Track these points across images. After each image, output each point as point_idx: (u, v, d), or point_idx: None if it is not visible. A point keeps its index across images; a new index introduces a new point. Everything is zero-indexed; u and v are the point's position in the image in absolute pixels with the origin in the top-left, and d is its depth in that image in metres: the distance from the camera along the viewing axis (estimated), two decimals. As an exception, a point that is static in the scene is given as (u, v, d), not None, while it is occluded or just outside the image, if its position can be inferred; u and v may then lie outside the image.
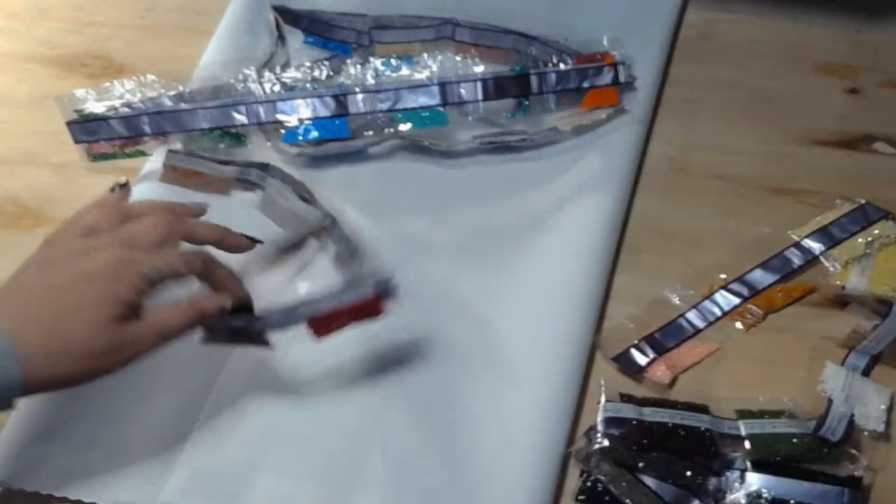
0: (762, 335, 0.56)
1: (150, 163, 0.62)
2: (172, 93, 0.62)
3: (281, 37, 0.68)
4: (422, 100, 0.61)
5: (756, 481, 0.49)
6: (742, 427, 0.51)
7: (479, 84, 0.61)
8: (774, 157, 0.64)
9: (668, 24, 0.70)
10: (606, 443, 0.49)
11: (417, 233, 0.60)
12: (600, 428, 0.50)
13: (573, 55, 0.64)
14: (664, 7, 0.71)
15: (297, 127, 0.61)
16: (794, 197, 0.62)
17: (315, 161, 0.63)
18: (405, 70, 0.62)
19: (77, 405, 0.52)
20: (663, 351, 0.55)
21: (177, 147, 0.61)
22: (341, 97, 0.60)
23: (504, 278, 0.57)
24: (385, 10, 0.69)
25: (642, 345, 0.55)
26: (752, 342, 0.56)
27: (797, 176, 0.63)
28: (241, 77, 0.62)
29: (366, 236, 0.60)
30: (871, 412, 0.51)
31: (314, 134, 0.60)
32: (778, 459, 0.49)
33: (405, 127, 0.61)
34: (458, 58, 0.63)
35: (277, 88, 0.62)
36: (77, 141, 0.60)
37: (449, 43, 0.67)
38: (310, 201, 0.59)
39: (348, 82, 0.61)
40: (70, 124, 0.60)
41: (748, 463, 0.49)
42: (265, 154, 0.62)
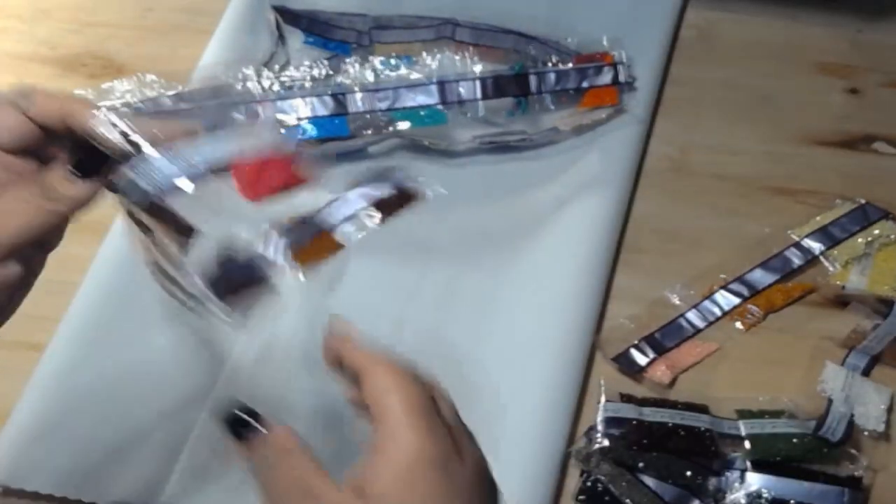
0: (762, 335, 0.56)
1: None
2: (172, 93, 0.62)
3: (281, 37, 0.68)
4: (421, 99, 0.60)
5: (756, 481, 0.49)
6: (742, 427, 0.51)
7: (478, 83, 0.61)
8: (774, 157, 0.64)
9: (668, 24, 0.70)
10: (606, 443, 0.49)
11: (417, 233, 0.60)
12: (600, 428, 0.50)
13: (573, 55, 0.64)
14: (664, 7, 0.71)
15: (297, 126, 0.61)
16: (794, 197, 0.62)
17: (314, 161, 0.63)
18: (404, 69, 0.62)
19: (77, 405, 0.52)
20: (663, 351, 0.55)
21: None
22: (340, 96, 0.60)
23: (504, 278, 0.57)
24: (385, 10, 0.69)
25: (642, 345, 0.55)
26: (752, 342, 0.56)
27: (797, 176, 0.63)
28: (241, 77, 0.62)
29: (366, 236, 0.60)
30: (871, 412, 0.51)
31: (313, 133, 0.60)
32: (778, 459, 0.49)
33: (404, 126, 0.61)
34: (458, 57, 0.63)
35: (277, 88, 0.62)
36: (77, 141, 0.60)
37: (449, 43, 0.67)
38: None
39: (347, 82, 0.61)
40: (70, 124, 0.60)
41: (748, 463, 0.49)
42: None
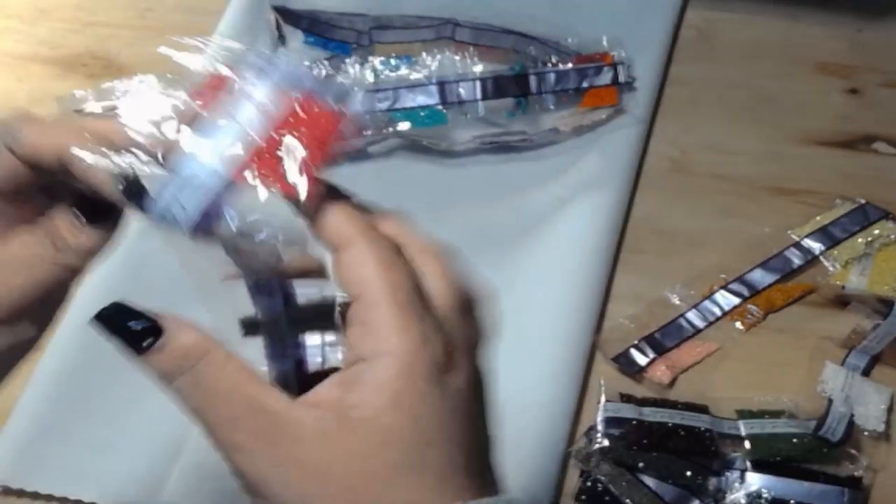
0: (762, 335, 0.56)
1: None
2: (172, 93, 0.62)
3: (281, 37, 0.68)
4: (420, 99, 0.60)
5: (756, 481, 0.49)
6: (742, 427, 0.51)
7: (478, 84, 0.61)
8: (774, 157, 0.64)
9: (668, 24, 0.70)
10: (606, 443, 0.49)
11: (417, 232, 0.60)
12: (600, 428, 0.50)
13: (573, 55, 0.64)
14: (664, 7, 0.71)
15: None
16: (794, 197, 0.62)
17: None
18: (404, 69, 0.62)
19: (77, 405, 0.52)
20: (663, 351, 0.55)
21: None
22: (340, 97, 0.60)
23: (504, 278, 0.57)
24: (385, 10, 0.69)
25: (642, 345, 0.55)
26: (752, 342, 0.56)
27: (797, 176, 0.63)
28: (241, 77, 0.62)
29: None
30: (871, 412, 0.51)
31: (314, 134, 0.60)
32: (778, 459, 0.49)
33: (404, 126, 0.61)
34: (458, 57, 0.63)
35: (277, 88, 0.62)
36: (77, 141, 0.60)
37: (449, 43, 0.67)
38: None
39: (347, 82, 0.61)
40: (70, 124, 0.60)
41: (748, 463, 0.49)
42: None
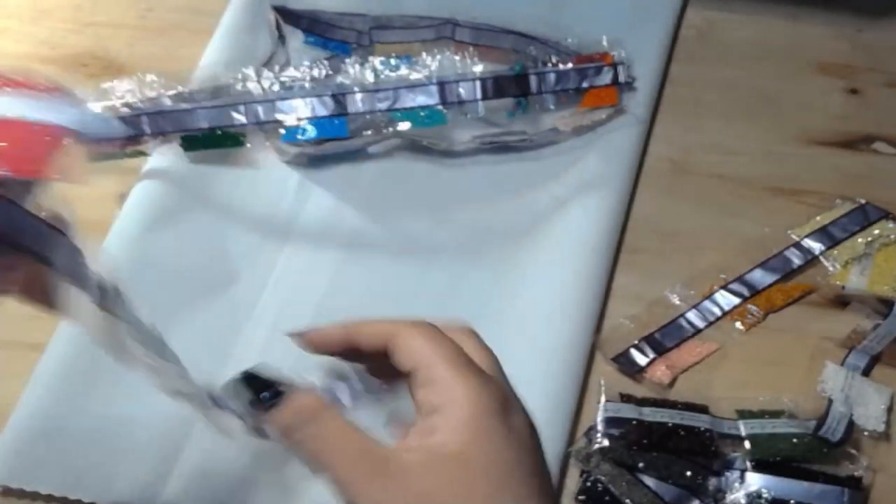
0: (762, 335, 0.56)
1: (150, 163, 0.62)
2: (172, 93, 0.62)
3: (281, 37, 0.68)
4: (420, 99, 0.60)
5: (756, 481, 0.49)
6: (742, 427, 0.51)
7: (478, 84, 0.61)
8: (774, 157, 0.64)
9: (668, 24, 0.70)
10: (606, 443, 0.49)
11: (417, 233, 0.60)
12: (600, 428, 0.50)
13: (573, 55, 0.64)
14: (664, 7, 0.71)
15: (297, 126, 0.60)
16: (794, 197, 0.62)
17: (314, 161, 0.63)
18: (404, 69, 0.62)
19: (77, 405, 0.52)
20: (663, 351, 0.55)
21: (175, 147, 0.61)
22: (340, 97, 0.60)
23: (504, 278, 0.57)
24: (385, 10, 0.69)
25: (642, 345, 0.55)
26: (752, 342, 0.56)
27: (797, 176, 0.63)
28: (241, 77, 0.62)
29: (366, 236, 0.60)
30: (871, 412, 0.51)
31: (313, 133, 0.60)
32: (778, 459, 0.49)
33: (404, 126, 0.61)
34: (458, 57, 0.63)
35: (277, 88, 0.62)
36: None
37: (449, 43, 0.67)
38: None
39: (347, 82, 0.61)
40: (70, 124, 0.60)
41: (748, 463, 0.49)
42: (264, 155, 0.62)
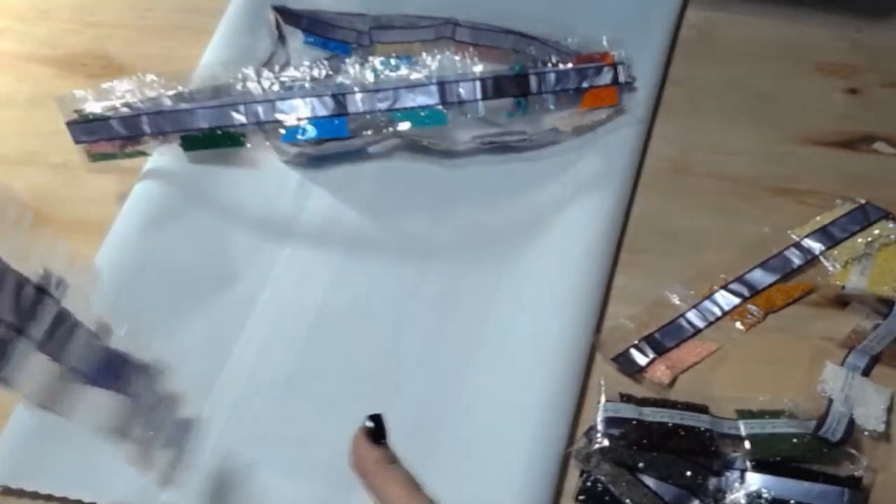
0: (762, 335, 0.56)
1: (150, 163, 0.62)
2: (172, 93, 0.62)
3: (281, 37, 0.68)
4: (420, 99, 0.60)
5: (756, 481, 0.49)
6: (742, 427, 0.51)
7: (478, 84, 0.61)
8: (774, 157, 0.64)
9: (668, 24, 0.70)
10: (606, 443, 0.49)
11: (417, 233, 0.60)
12: (600, 428, 0.50)
13: (573, 55, 0.64)
14: (664, 7, 0.71)
15: (297, 126, 0.61)
16: (794, 197, 0.62)
17: (314, 161, 0.63)
18: (404, 69, 0.62)
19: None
20: (663, 351, 0.55)
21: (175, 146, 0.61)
22: (340, 97, 0.60)
23: (503, 278, 0.57)
24: (385, 10, 0.69)
25: (642, 345, 0.55)
26: (752, 342, 0.56)
27: (797, 176, 0.63)
28: (241, 77, 0.62)
29: (366, 236, 0.60)
30: (871, 412, 0.51)
31: (313, 133, 0.60)
32: (778, 459, 0.49)
33: (404, 126, 0.61)
34: (458, 57, 0.63)
35: (277, 88, 0.62)
36: (77, 141, 0.60)
37: (449, 43, 0.67)
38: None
39: (347, 82, 0.61)
40: (70, 124, 0.60)
41: (748, 463, 0.49)
42: (264, 154, 0.62)
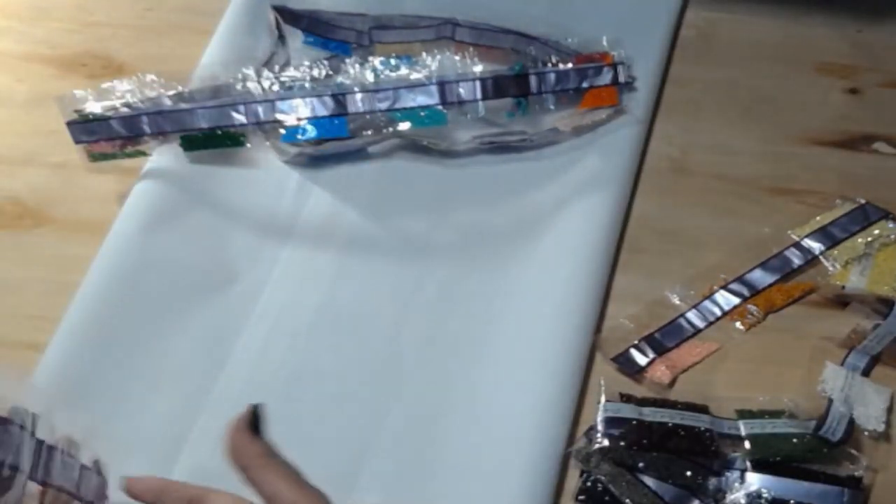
0: (762, 335, 0.56)
1: (150, 163, 0.62)
2: (172, 93, 0.62)
3: (281, 37, 0.68)
4: (420, 99, 0.60)
5: (756, 481, 0.49)
6: (742, 427, 0.51)
7: (478, 84, 0.61)
8: (774, 157, 0.64)
9: (668, 24, 0.70)
10: (606, 443, 0.49)
11: (417, 233, 0.60)
12: (600, 428, 0.50)
13: (573, 55, 0.64)
14: (664, 7, 0.71)
15: (297, 126, 0.61)
16: (794, 197, 0.62)
17: (314, 161, 0.63)
18: (404, 69, 0.62)
19: (76, 405, 0.52)
20: (663, 351, 0.55)
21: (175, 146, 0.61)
22: (340, 97, 0.60)
23: (504, 278, 0.57)
24: (385, 10, 0.69)
25: (642, 345, 0.55)
26: (752, 342, 0.56)
27: (797, 176, 0.63)
28: (241, 77, 0.62)
29: (366, 236, 0.60)
30: (871, 412, 0.51)
31: (313, 133, 0.60)
32: (778, 459, 0.49)
33: (404, 126, 0.61)
34: (458, 57, 0.63)
35: (277, 88, 0.62)
36: (77, 141, 0.60)
37: (449, 43, 0.67)
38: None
39: (347, 82, 0.61)
40: (70, 124, 0.60)
41: (748, 463, 0.49)
42: (264, 154, 0.62)
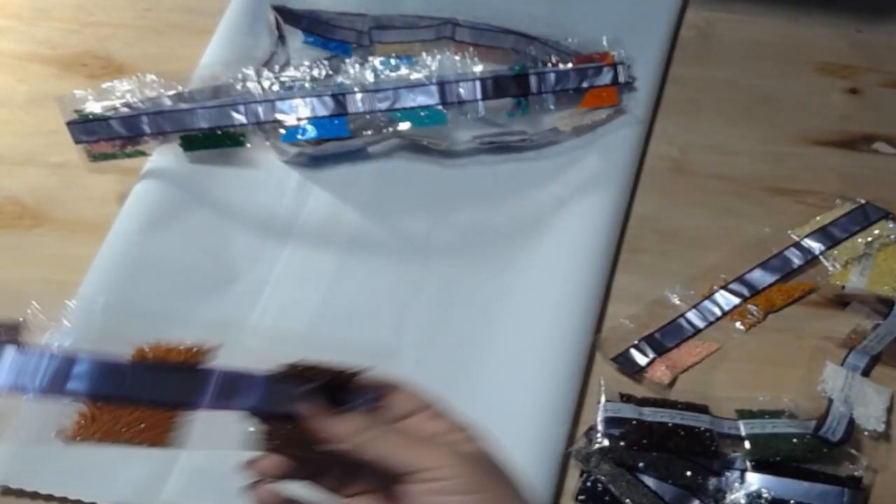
0: (762, 335, 0.56)
1: (150, 163, 0.62)
2: (172, 93, 0.62)
3: (281, 37, 0.68)
4: (420, 99, 0.60)
5: (756, 481, 0.49)
6: (742, 427, 0.51)
7: (478, 84, 0.61)
8: (774, 157, 0.64)
9: (668, 24, 0.70)
10: (606, 443, 0.49)
11: (417, 233, 0.60)
12: (600, 428, 0.50)
13: (573, 55, 0.64)
14: (664, 7, 0.71)
15: (297, 126, 0.60)
16: (794, 197, 0.62)
17: (314, 160, 0.63)
18: (404, 69, 0.62)
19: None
20: (663, 351, 0.55)
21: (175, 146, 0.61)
22: (340, 97, 0.60)
23: (504, 278, 0.57)
24: (385, 10, 0.69)
25: (642, 345, 0.55)
26: (752, 342, 0.56)
27: (797, 176, 0.63)
28: (241, 77, 0.62)
29: (365, 236, 0.60)
30: (871, 412, 0.51)
31: (313, 133, 0.60)
32: (778, 459, 0.49)
33: (404, 126, 0.61)
34: (458, 57, 0.63)
35: (276, 88, 0.62)
36: (77, 141, 0.60)
37: (449, 43, 0.67)
38: None
39: (347, 82, 0.61)
40: (70, 124, 0.60)
41: (748, 463, 0.49)
42: (264, 154, 0.62)
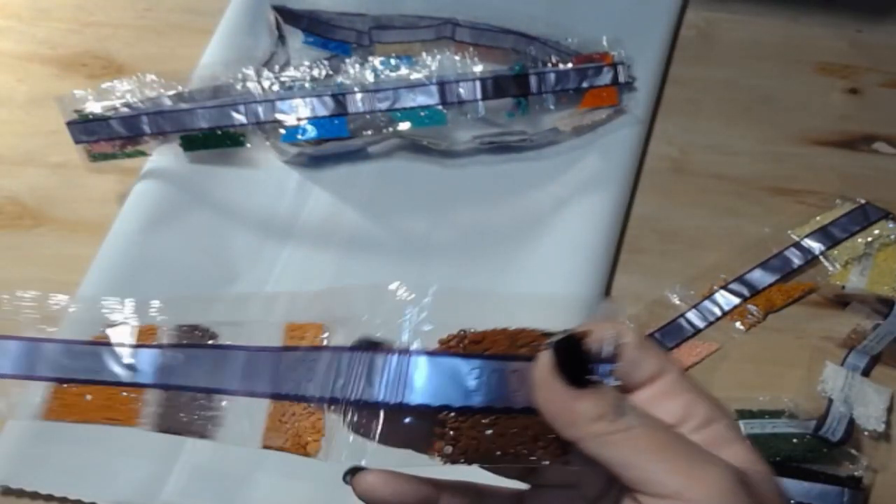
0: (762, 335, 0.56)
1: (150, 163, 0.62)
2: (172, 93, 0.62)
3: (281, 37, 0.68)
4: (420, 99, 0.60)
5: (756, 481, 0.49)
6: (742, 427, 0.51)
7: (478, 84, 0.61)
8: (774, 157, 0.64)
9: (668, 24, 0.70)
10: (606, 443, 0.49)
11: (417, 233, 0.60)
12: (600, 428, 0.50)
13: (573, 55, 0.64)
14: (664, 7, 0.71)
15: (297, 126, 0.61)
16: (794, 197, 0.62)
17: (314, 161, 0.63)
18: (404, 69, 0.62)
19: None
20: (663, 351, 0.55)
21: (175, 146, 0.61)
22: (340, 97, 0.60)
23: (504, 278, 0.57)
24: (385, 10, 0.69)
25: (642, 345, 0.55)
26: (752, 342, 0.56)
27: (797, 176, 0.63)
28: (241, 77, 0.62)
29: (366, 236, 0.60)
30: (871, 412, 0.51)
31: (313, 133, 0.60)
32: (778, 459, 0.49)
33: (404, 126, 0.61)
34: (458, 57, 0.63)
35: (276, 88, 0.62)
36: (77, 141, 0.60)
37: (449, 43, 0.67)
38: None
39: (347, 82, 0.61)
40: (70, 124, 0.60)
41: (748, 463, 0.49)
42: (264, 154, 0.62)
